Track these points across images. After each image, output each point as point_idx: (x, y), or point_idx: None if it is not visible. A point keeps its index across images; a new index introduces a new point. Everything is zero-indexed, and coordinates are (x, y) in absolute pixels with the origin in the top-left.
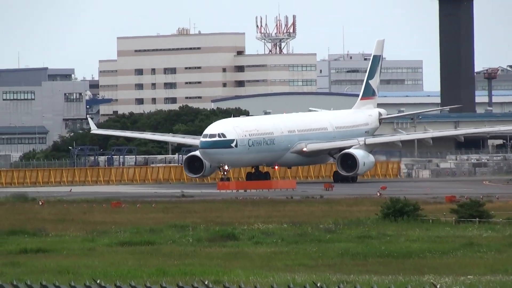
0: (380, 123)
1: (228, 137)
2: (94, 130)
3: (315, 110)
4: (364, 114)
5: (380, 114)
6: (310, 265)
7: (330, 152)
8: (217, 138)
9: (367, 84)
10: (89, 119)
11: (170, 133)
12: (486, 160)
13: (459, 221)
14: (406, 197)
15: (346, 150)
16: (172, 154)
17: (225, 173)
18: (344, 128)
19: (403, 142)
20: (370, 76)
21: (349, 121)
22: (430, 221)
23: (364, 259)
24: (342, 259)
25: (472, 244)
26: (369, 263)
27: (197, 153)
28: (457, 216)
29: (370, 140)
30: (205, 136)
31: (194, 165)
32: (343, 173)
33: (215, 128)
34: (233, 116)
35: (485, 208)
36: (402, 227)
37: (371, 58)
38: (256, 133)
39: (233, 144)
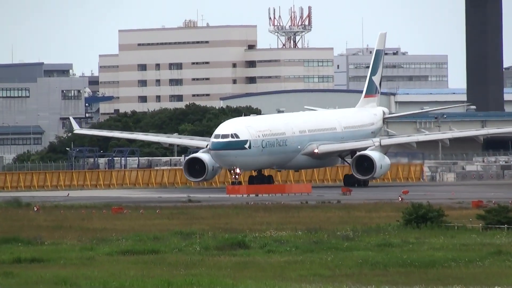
0: (384, 122)
1: (242, 137)
2: (77, 130)
3: (311, 109)
4: (369, 113)
5: (384, 113)
6: (327, 275)
7: (341, 154)
8: (230, 139)
9: (371, 80)
10: (71, 119)
11: (163, 134)
12: None
13: (487, 228)
14: (430, 202)
15: (362, 152)
16: (178, 156)
17: (237, 176)
18: (352, 128)
19: (425, 142)
20: (373, 72)
21: (356, 120)
22: (455, 228)
23: (384, 268)
24: (360, 269)
25: (501, 253)
26: (390, 273)
27: (198, 155)
28: (484, 223)
29: (386, 141)
30: (217, 136)
31: (194, 168)
32: (359, 176)
33: (227, 128)
34: (244, 115)
35: None
36: (425, 234)
37: (374, 52)
38: (269, 134)
39: (246, 145)
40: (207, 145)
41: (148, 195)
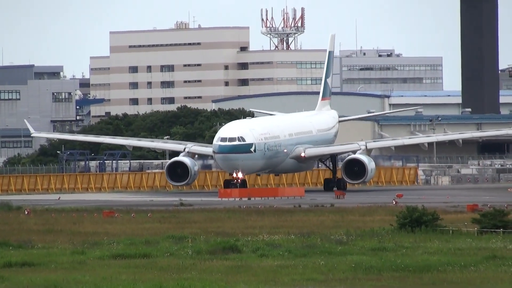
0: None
1: (247, 141)
2: (34, 133)
3: (269, 113)
4: (329, 116)
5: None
6: (320, 279)
7: (322, 157)
8: (237, 142)
9: (326, 83)
10: (26, 121)
11: (134, 137)
12: (511, 166)
13: (482, 232)
14: (424, 205)
15: (354, 156)
16: (169, 159)
17: (239, 180)
18: (323, 131)
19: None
20: (327, 74)
21: (323, 123)
22: (450, 232)
23: (379, 273)
24: (354, 273)
25: (496, 257)
26: (384, 277)
27: (181, 158)
28: (479, 227)
29: (372, 145)
30: (223, 139)
31: (175, 172)
32: (349, 180)
33: (233, 131)
34: (237, 118)
35: (510, 217)
36: (419, 238)
37: (327, 55)
38: (269, 137)
39: (252, 149)
40: (184, 148)
41: (140, 199)
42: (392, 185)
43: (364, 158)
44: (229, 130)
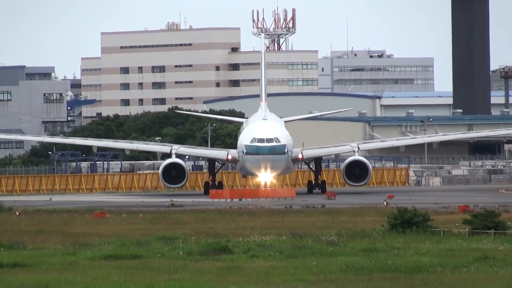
0: None
1: (282, 142)
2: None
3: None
4: (276, 117)
5: None
6: (311, 280)
7: (307, 159)
8: (274, 143)
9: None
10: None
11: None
12: (502, 167)
13: (473, 233)
14: (415, 206)
15: (354, 158)
16: (161, 160)
17: (266, 183)
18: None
19: (411, 146)
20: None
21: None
22: (441, 233)
23: (370, 274)
24: (345, 274)
25: (487, 258)
26: (375, 278)
27: (177, 160)
28: (470, 228)
29: (364, 146)
30: (260, 140)
31: (169, 174)
32: (350, 183)
33: (268, 131)
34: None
35: (501, 218)
36: (410, 239)
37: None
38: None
39: (285, 150)
40: (171, 150)
41: (131, 200)
42: (383, 186)
43: (365, 160)
44: (263, 131)
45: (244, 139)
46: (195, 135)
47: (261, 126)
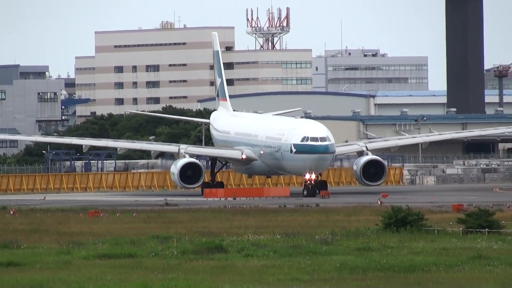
0: None
1: (332, 141)
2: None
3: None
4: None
5: None
6: (305, 279)
7: None
8: (327, 142)
9: (222, 83)
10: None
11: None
12: (496, 166)
13: (467, 232)
14: (409, 205)
15: (372, 157)
16: (155, 159)
17: (312, 181)
18: None
19: (405, 145)
20: (219, 74)
21: None
22: (435, 231)
23: (364, 273)
24: (339, 273)
25: (481, 257)
26: (369, 277)
27: (193, 160)
28: (464, 227)
29: (371, 145)
30: (314, 139)
31: (185, 174)
32: (368, 182)
33: (317, 130)
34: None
35: (495, 217)
36: (404, 238)
37: (215, 55)
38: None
39: (333, 149)
40: (179, 149)
41: (125, 199)
42: None
43: (381, 159)
44: (313, 130)
45: (290, 137)
46: (189, 134)
47: (310, 124)
